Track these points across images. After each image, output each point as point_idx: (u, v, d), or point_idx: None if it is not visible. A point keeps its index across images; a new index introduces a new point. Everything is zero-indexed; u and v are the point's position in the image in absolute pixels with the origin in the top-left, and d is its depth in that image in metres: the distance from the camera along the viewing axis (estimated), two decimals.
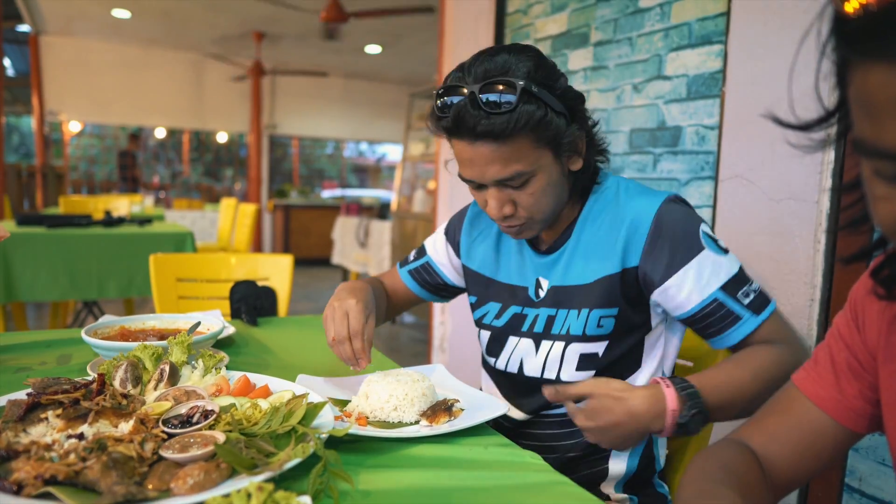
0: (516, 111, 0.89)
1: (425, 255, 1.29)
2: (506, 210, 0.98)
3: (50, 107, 8.17)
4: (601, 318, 1.01)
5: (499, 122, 0.90)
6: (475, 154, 0.95)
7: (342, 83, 10.08)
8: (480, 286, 1.18)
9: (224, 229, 5.71)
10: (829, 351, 0.74)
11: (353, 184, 12.43)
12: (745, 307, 0.94)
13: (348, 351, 0.99)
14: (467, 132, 0.93)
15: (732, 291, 0.95)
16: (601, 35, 2.20)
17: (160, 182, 10.45)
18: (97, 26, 7.60)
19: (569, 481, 0.73)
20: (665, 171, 1.96)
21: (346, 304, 1.02)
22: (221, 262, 2.04)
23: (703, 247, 0.95)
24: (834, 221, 1.49)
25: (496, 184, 0.96)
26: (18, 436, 0.68)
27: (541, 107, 0.92)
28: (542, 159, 0.95)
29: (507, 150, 0.92)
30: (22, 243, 2.68)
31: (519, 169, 0.94)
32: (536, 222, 1.01)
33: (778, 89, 1.60)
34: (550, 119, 0.93)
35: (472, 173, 0.98)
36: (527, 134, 0.92)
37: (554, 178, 0.98)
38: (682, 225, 0.97)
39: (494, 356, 1.14)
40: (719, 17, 1.78)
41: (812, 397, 0.73)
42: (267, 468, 0.64)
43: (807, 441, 0.72)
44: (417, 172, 5.73)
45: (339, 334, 1.00)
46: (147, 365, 0.88)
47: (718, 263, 0.95)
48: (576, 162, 1.01)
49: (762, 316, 0.95)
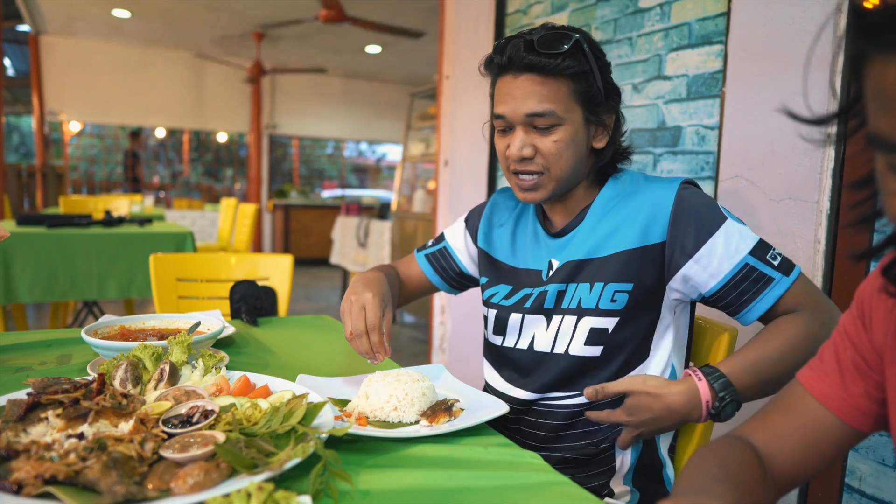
0: (565, 55, 0.98)
1: (443, 241, 1.32)
2: (525, 151, 1.02)
3: (50, 107, 8.17)
4: (616, 292, 1.03)
5: (547, 59, 0.98)
6: (516, 87, 1.01)
7: (342, 83, 10.08)
8: (493, 269, 1.20)
9: (224, 229, 5.72)
10: (835, 349, 0.73)
11: (353, 184, 12.42)
12: (775, 269, 0.98)
13: (366, 345, 1.01)
14: (515, 66, 1.01)
15: (761, 255, 0.98)
16: (601, 35, 2.20)
17: (160, 182, 10.45)
18: (97, 26, 7.60)
19: (569, 481, 0.72)
20: (665, 171, 1.96)
21: (363, 298, 1.04)
22: (221, 262, 2.04)
23: (725, 217, 1.00)
24: (834, 221, 1.49)
25: (526, 122, 1.02)
26: (18, 435, 0.68)
27: (586, 64, 1.00)
28: (573, 113, 1.02)
29: (547, 89, 1.00)
30: (22, 243, 2.68)
31: (551, 108, 1.00)
32: (552, 178, 1.04)
33: (778, 89, 1.60)
34: (592, 79, 1.01)
35: (507, 107, 1.03)
36: (567, 81, 1.00)
37: (579, 139, 1.04)
38: (704, 200, 1.02)
39: (501, 335, 1.16)
40: (719, 17, 1.78)
41: (817, 395, 0.73)
42: (267, 468, 0.64)
43: (810, 439, 0.72)
44: (417, 172, 5.73)
45: (357, 328, 1.02)
46: (147, 365, 0.88)
47: (743, 231, 1.00)
48: (601, 139, 1.07)
49: (792, 276, 0.98)
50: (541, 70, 0.99)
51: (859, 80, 0.45)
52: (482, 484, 0.71)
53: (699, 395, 0.90)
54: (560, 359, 1.07)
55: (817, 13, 1.50)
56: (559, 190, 1.07)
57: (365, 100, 10.32)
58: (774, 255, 0.99)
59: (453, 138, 3.18)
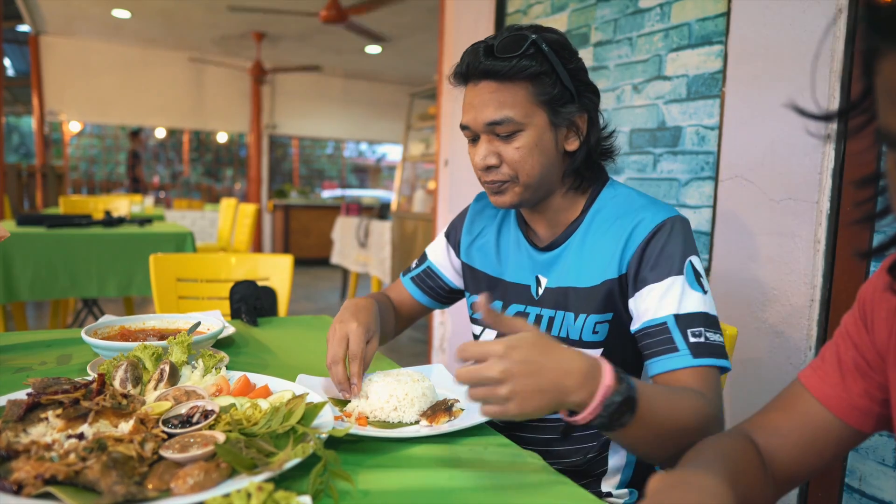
0: (520, 57, 0.95)
1: (426, 261, 1.30)
2: (490, 160, 1.00)
3: (50, 107, 8.17)
4: (596, 323, 1.01)
5: (502, 63, 0.95)
6: (475, 95, 0.99)
7: (342, 83, 10.08)
8: (482, 285, 1.18)
9: (224, 229, 5.72)
10: (836, 349, 0.73)
11: (353, 184, 12.43)
12: (686, 344, 0.90)
13: (340, 374, 0.96)
14: (473, 74, 0.99)
15: (684, 325, 0.91)
16: (601, 35, 2.20)
17: (160, 182, 10.44)
18: (97, 26, 7.60)
19: (569, 481, 0.72)
20: (665, 171, 1.96)
21: (347, 327, 1.00)
22: (221, 262, 2.04)
23: (680, 272, 0.94)
24: (834, 221, 1.49)
25: (487, 129, 0.99)
26: (18, 436, 0.68)
27: (545, 64, 0.96)
28: (535, 117, 0.98)
29: (505, 94, 0.96)
30: (22, 243, 2.68)
31: (510, 115, 0.96)
32: (520, 185, 1.01)
33: (778, 89, 1.60)
34: (551, 80, 0.97)
35: (469, 117, 1.00)
36: (525, 84, 0.96)
37: (544, 143, 0.99)
38: (673, 246, 0.96)
39: None
40: (719, 17, 1.78)
41: (817, 394, 0.73)
42: (267, 468, 0.64)
43: (809, 438, 0.72)
44: (417, 172, 5.73)
45: (336, 356, 0.97)
46: (147, 365, 0.88)
47: (687, 295, 0.93)
48: (573, 142, 1.03)
49: (698, 361, 0.89)
50: (496, 75, 0.96)
51: (870, 76, 0.45)
52: (482, 484, 0.71)
53: (600, 374, 0.71)
54: None
55: (817, 13, 1.50)
56: (532, 196, 1.03)
57: (365, 100, 10.32)
58: (700, 334, 0.90)
59: (453, 138, 3.18)
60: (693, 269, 0.95)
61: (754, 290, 1.66)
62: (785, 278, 1.58)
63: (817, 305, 1.52)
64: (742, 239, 1.69)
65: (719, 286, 1.75)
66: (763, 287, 1.64)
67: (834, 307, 1.50)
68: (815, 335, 1.52)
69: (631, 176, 2.09)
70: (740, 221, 1.69)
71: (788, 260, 1.58)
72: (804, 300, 1.54)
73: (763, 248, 1.64)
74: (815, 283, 1.52)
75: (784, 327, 1.59)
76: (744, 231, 1.68)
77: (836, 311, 1.50)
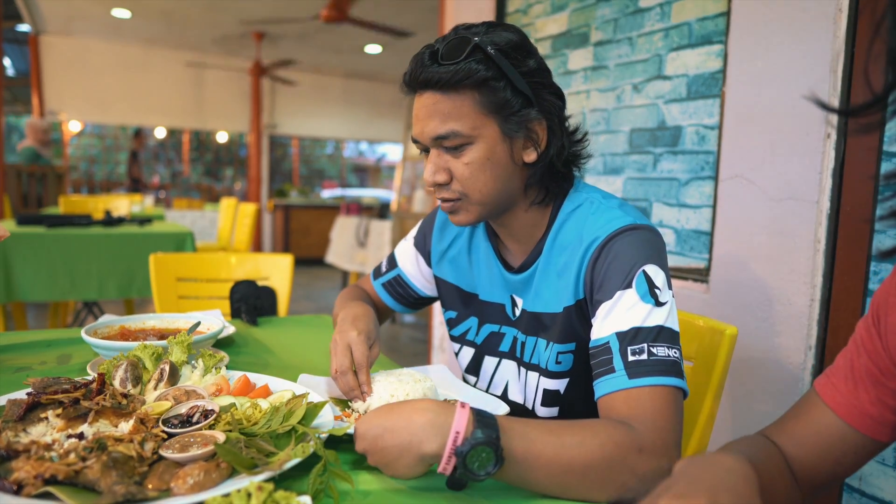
0: (462, 63, 0.86)
1: (397, 268, 1.24)
2: (438, 177, 0.92)
3: (50, 106, 8.17)
4: (559, 353, 0.95)
5: (443, 70, 0.87)
6: (420, 106, 0.91)
7: (342, 83, 10.08)
8: (458, 300, 1.13)
9: (224, 229, 5.71)
10: (849, 357, 0.73)
11: (353, 183, 12.44)
12: (624, 364, 0.80)
13: (351, 382, 0.94)
14: (417, 83, 0.91)
15: (624, 343, 0.81)
16: (601, 35, 2.20)
17: (160, 182, 10.44)
18: (97, 26, 7.60)
19: None
20: (665, 170, 1.96)
21: (348, 337, 0.98)
22: (221, 262, 2.04)
23: (630, 286, 0.84)
24: (834, 221, 1.49)
25: (434, 143, 0.91)
26: (18, 435, 0.68)
27: (491, 68, 0.87)
28: (484, 128, 0.89)
29: (449, 105, 0.88)
30: (22, 243, 2.68)
31: (456, 128, 0.88)
32: (472, 203, 0.93)
33: (778, 89, 1.60)
34: (501, 85, 0.88)
35: (415, 129, 0.93)
36: (471, 92, 0.88)
37: (497, 156, 0.90)
38: (623, 259, 0.86)
39: (475, 375, 1.11)
40: (719, 16, 1.78)
41: (829, 402, 0.73)
42: (267, 468, 0.64)
43: (825, 446, 0.72)
44: (417, 172, 5.73)
45: (342, 366, 0.95)
46: (147, 364, 0.88)
47: (635, 309, 0.83)
48: (531, 153, 0.93)
49: (634, 382, 0.78)
50: (438, 85, 0.88)
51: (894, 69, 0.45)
52: (483, 484, 0.71)
53: (451, 420, 0.66)
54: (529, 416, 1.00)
55: (817, 13, 1.50)
56: (491, 212, 0.95)
57: (365, 99, 10.33)
58: (642, 351, 0.80)
59: None
60: (646, 279, 0.85)
61: (754, 290, 1.66)
62: (785, 278, 1.58)
63: (817, 305, 1.52)
64: (742, 239, 1.69)
65: (719, 286, 1.75)
66: (763, 287, 1.64)
67: (834, 307, 1.50)
68: (815, 335, 1.52)
69: (631, 176, 2.09)
70: (740, 221, 1.69)
71: (788, 260, 1.58)
72: (804, 300, 1.54)
73: (763, 247, 1.64)
74: (815, 282, 1.52)
75: (784, 327, 1.59)
76: (744, 231, 1.68)
77: (836, 310, 1.50)
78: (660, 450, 0.74)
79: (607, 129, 2.18)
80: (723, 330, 1.15)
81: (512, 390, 1.05)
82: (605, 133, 2.18)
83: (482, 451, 0.65)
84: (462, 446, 0.65)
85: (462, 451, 0.64)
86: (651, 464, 0.72)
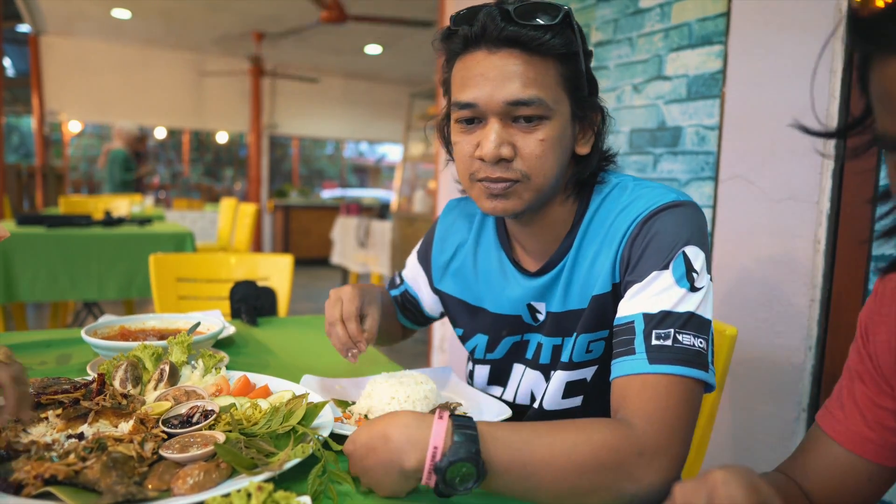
0: (555, 28, 0.78)
1: (404, 284, 1.19)
2: (504, 150, 0.80)
3: (50, 107, 8.17)
4: (590, 342, 0.89)
5: (534, 33, 0.78)
6: (492, 66, 0.80)
7: (342, 83, 10.08)
8: (464, 315, 1.05)
9: (224, 229, 5.71)
10: (843, 385, 0.72)
11: (353, 184, 12.43)
12: (646, 347, 0.75)
13: (340, 333, 0.91)
14: (491, 39, 0.80)
15: (650, 325, 0.76)
16: (601, 35, 2.20)
17: (160, 182, 10.44)
18: (97, 26, 7.60)
19: None
20: (665, 171, 1.96)
21: (339, 292, 0.96)
22: (221, 262, 2.04)
23: (667, 267, 0.79)
24: (834, 221, 1.49)
25: (505, 110, 0.80)
26: (18, 435, 0.68)
27: (575, 44, 0.81)
28: (561, 104, 0.82)
29: (533, 70, 0.79)
30: (22, 243, 2.68)
31: (539, 94, 0.79)
32: (530, 188, 0.83)
33: (778, 89, 1.60)
34: (578, 65, 0.82)
35: (480, 92, 0.80)
36: (555, 63, 0.80)
37: (566, 139, 0.84)
38: (662, 237, 0.80)
39: (502, 385, 1.04)
40: (719, 17, 1.78)
41: (832, 434, 0.72)
42: (267, 468, 0.64)
43: (837, 478, 0.71)
44: (417, 172, 5.74)
45: (332, 317, 0.93)
46: (147, 365, 0.88)
47: (668, 292, 0.78)
48: (586, 144, 0.87)
49: (653, 368, 0.74)
50: (526, 45, 0.78)
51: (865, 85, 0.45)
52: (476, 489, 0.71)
53: (429, 434, 0.63)
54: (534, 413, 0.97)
55: (817, 13, 1.50)
56: (535, 204, 0.86)
57: (365, 100, 10.33)
58: (668, 336, 0.75)
59: None
60: (685, 262, 0.79)
61: (754, 290, 1.66)
62: (785, 278, 1.58)
63: (817, 305, 1.52)
64: (742, 239, 1.69)
65: (720, 286, 1.75)
66: (763, 287, 1.64)
67: (834, 307, 1.50)
68: (815, 335, 1.52)
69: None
70: (741, 222, 1.69)
71: (788, 260, 1.57)
72: (804, 300, 1.54)
73: (763, 247, 1.64)
74: (815, 282, 1.52)
75: (784, 327, 1.59)
76: (744, 231, 1.68)
77: (836, 310, 1.50)
78: (662, 451, 0.70)
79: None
80: (723, 330, 1.15)
81: (538, 394, 0.99)
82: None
83: (461, 466, 0.62)
84: (440, 462, 0.62)
85: (440, 468, 0.61)
86: (652, 468, 0.68)
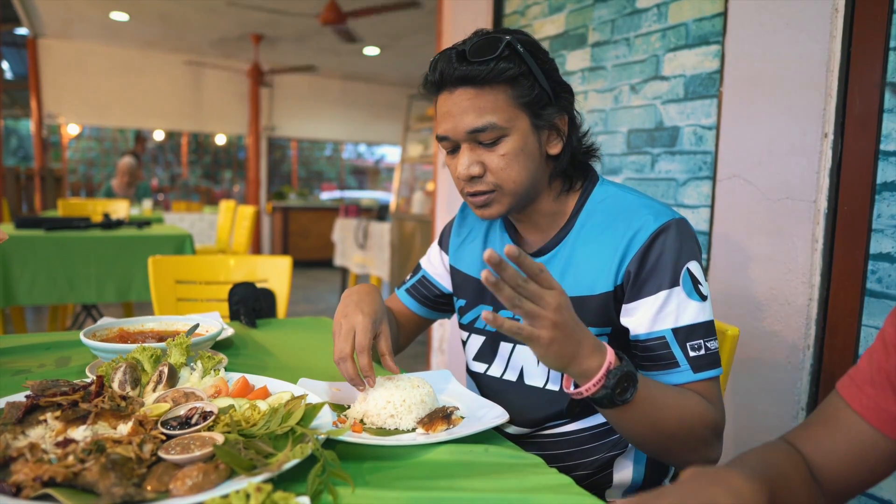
0: (497, 60, 0.91)
1: (420, 271, 1.27)
2: (473, 170, 0.95)
3: (48, 110, 8.17)
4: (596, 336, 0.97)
5: (479, 68, 0.92)
6: (453, 104, 0.94)
7: (340, 85, 10.08)
8: (469, 288, 1.15)
9: (223, 231, 5.71)
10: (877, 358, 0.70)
11: (352, 185, 12.42)
12: (687, 358, 0.91)
13: (350, 370, 0.91)
14: (448, 81, 0.94)
15: (683, 338, 0.91)
16: (599, 36, 2.20)
17: (159, 184, 10.44)
18: (95, 29, 7.60)
19: (571, 482, 0.72)
20: (663, 171, 1.97)
21: (352, 321, 0.94)
22: (220, 264, 2.04)
23: (677, 283, 0.92)
24: (832, 220, 1.49)
25: (469, 137, 0.95)
26: (17, 438, 0.68)
27: (522, 65, 0.93)
28: (517, 121, 0.94)
29: (484, 100, 0.93)
30: (20, 246, 2.67)
31: (493, 120, 0.93)
32: (505, 194, 0.97)
33: (775, 89, 1.60)
34: (531, 82, 0.94)
35: (447, 126, 0.96)
36: (504, 87, 0.93)
37: (529, 148, 0.96)
38: (670, 254, 0.93)
39: (487, 362, 1.12)
40: (716, 17, 1.78)
41: (857, 408, 0.69)
42: (265, 469, 0.64)
43: (856, 455, 0.69)
44: (416, 174, 5.73)
45: (343, 352, 0.92)
46: (146, 367, 0.88)
47: (684, 306, 0.92)
48: (555, 145, 1.00)
49: (700, 375, 0.91)
50: (474, 81, 0.92)
51: None
52: (483, 485, 0.71)
53: (605, 350, 0.81)
54: (556, 396, 1.02)
55: (814, 13, 1.50)
56: (518, 204, 0.99)
57: (363, 101, 10.33)
58: (700, 347, 0.91)
59: None
60: (691, 277, 0.93)
61: (752, 290, 1.66)
62: (783, 278, 1.59)
63: (815, 305, 1.52)
64: (740, 239, 1.69)
65: (718, 286, 1.75)
66: (761, 287, 1.64)
67: (832, 306, 1.50)
68: (813, 334, 1.52)
69: (629, 176, 2.09)
70: (738, 221, 1.70)
71: (786, 259, 1.58)
72: (803, 300, 1.54)
73: (761, 247, 1.64)
74: (813, 282, 1.52)
75: (782, 327, 1.59)
76: (742, 231, 1.69)
77: (834, 310, 1.50)
78: (721, 432, 0.91)
79: (605, 129, 2.18)
80: (724, 330, 1.15)
81: (530, 373, 1.05)
82: (603, 134, 2.19)
83: (627, 379, 0.80)
84: (614, 370, 0.80)
85: (615, 375, 0.79)
86: (716, 442, 0.89)
